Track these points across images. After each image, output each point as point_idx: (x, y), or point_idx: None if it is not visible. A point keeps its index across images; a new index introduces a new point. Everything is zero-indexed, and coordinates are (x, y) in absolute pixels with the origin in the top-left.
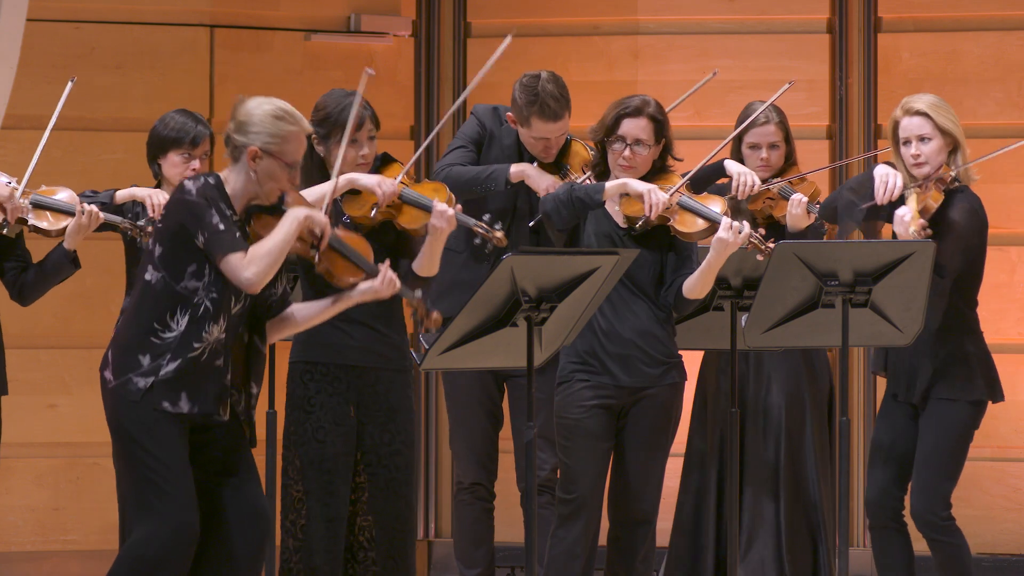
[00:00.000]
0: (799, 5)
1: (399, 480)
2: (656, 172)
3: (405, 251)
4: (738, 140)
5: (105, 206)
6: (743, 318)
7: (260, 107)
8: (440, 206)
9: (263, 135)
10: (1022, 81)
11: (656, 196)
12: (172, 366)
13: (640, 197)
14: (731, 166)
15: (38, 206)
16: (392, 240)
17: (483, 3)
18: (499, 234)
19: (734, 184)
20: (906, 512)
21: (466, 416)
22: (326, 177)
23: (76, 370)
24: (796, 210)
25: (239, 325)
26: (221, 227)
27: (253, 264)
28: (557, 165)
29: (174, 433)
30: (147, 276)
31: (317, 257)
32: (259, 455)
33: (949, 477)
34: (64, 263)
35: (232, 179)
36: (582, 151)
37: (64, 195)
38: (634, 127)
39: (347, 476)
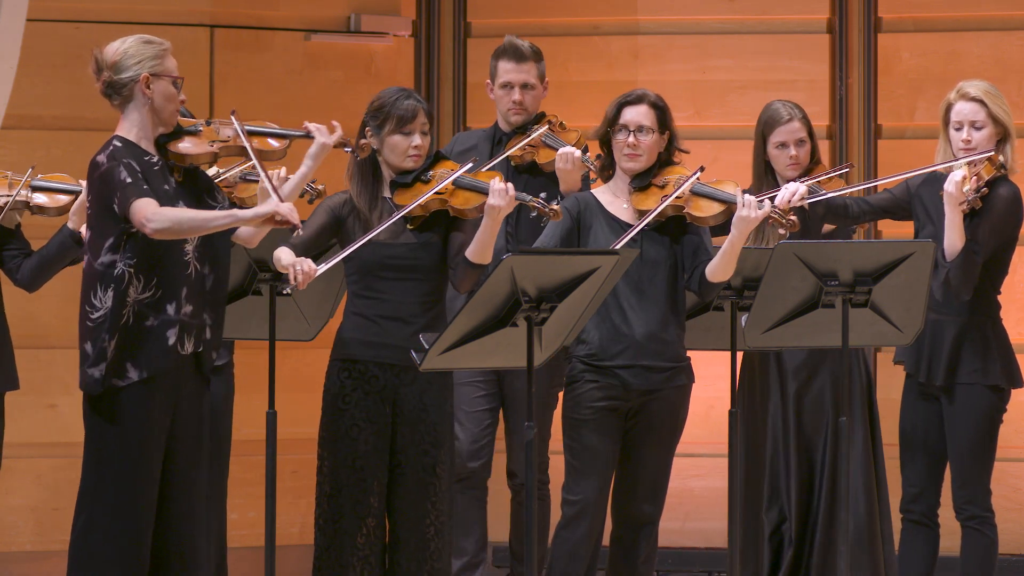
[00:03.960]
0: (799, 5)
1: (425, 481)
2: (663, 165)
3: (449, 232)
4: (762, 143)
5: None
6: (743, 318)
7: (125, 43)
8: (497, 184)
9: (145, 61)
10: (1022, 81)
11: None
12: (112, 345)
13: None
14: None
15: (39, 189)
16: (444, 228)
17: (483, 3)
18: (556, 207)
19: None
20: (939, 511)
21: None
22: (377, 172)
23: (76, 370)
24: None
25: (208, 255)
26: (128, 180)
27: (161, 221)
28: (524, 130)
29: (135, 418)
30: (84, 263)
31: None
32: (259, 455)
33: (985, 467)
34: (69, 243)
35: (132, 123)
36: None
37: (68, 180)
38: (636, 114)
39: (380, 474)
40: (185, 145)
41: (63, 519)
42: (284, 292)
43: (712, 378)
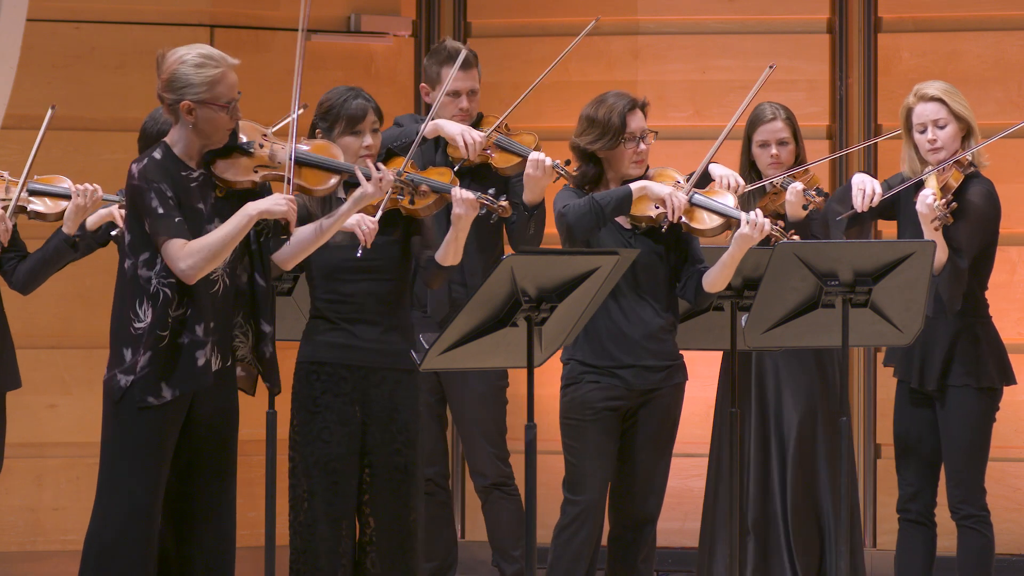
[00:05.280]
0: (799, 5)
1: (398, 480)
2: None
3: (414, 232)
4: (748, 142)
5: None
6: (743, 318)
7: (183, 61)
8: (460, 193)
9: (192, 87)
10: (1022, 81)
11: (677, 199)
12: (144, 359)
13: (662, 201)
14: (713, 168)
15: (35, 193)
16: (401, 226)
17: (483, 3)
18: (505, 203)
19: (717, 183)
20: (936, 510)
21: None
22: None
23: (76, 370)
24: (791, 197)
25: (235, 266)
26: (160, 211)
27: (191, 257)
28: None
29: (155, 427)
30: (125, 264)
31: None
32: (259, 455)
33: (980, 466)
34: (64, 248)
35: (178, 136)
36: (491, 120)
37: (64, 185)
38: (640, 120)
39: (352, 476)
40: (226, 169)
41: (63, 519)
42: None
43: (712, 378)
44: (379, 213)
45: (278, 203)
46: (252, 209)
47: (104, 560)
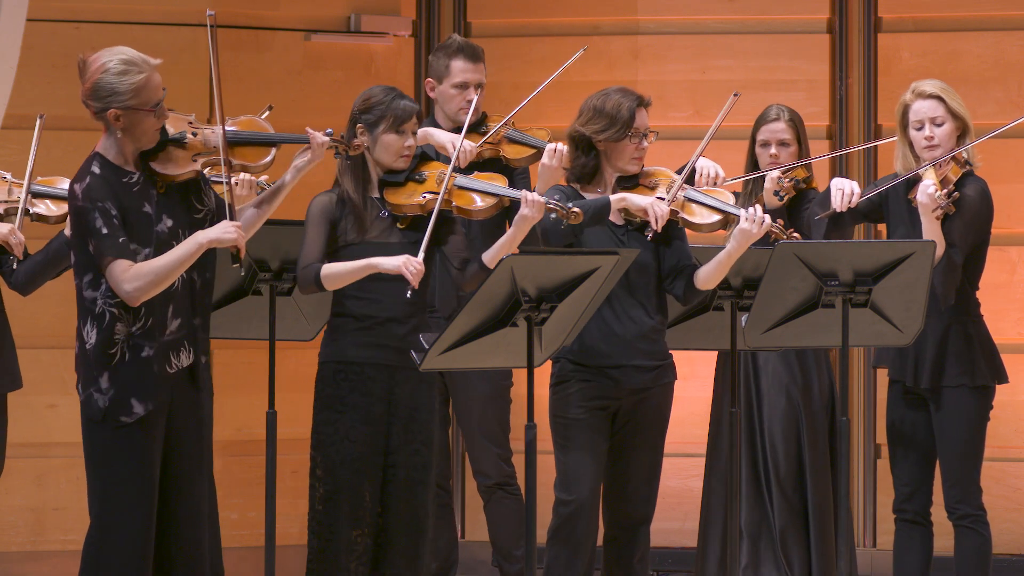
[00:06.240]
0: (799, 5)
1: (415, 479)
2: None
3: (448, 233)
4: (752, 141)
5: None
6: (743, 318)
7: (104, 67)
8: (530, 195)
9: (117, 95)
10: (1022, 81)
11: (658, 208)
12: (105, 379)
13: (643, 212)
14: (698, 161)
15: (38, 195)
16: (436, 227)
17: (483, 3)
18: (576, 209)
19: (698, 175)
20: (933, 509)
21: None
22: (365, 169)
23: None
24: (767, 184)
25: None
26: (104, 231)
27: (137, 280)
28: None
29: (142, 438)
30: (75, 282)
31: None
32: (259, 455)
33: (976, 465)
34: (65, 251)
35: (110, 144)
36: (496, 118)
37: (65, 184)
38: (645, 117)
39: (375, 475)
40: (166, 164)
41: (63, 519)
42: (408, 294)
43: (711, 378)
44: (422, 254)
45: (227, 231)
46: (202, 238)
47: (104, 560)
